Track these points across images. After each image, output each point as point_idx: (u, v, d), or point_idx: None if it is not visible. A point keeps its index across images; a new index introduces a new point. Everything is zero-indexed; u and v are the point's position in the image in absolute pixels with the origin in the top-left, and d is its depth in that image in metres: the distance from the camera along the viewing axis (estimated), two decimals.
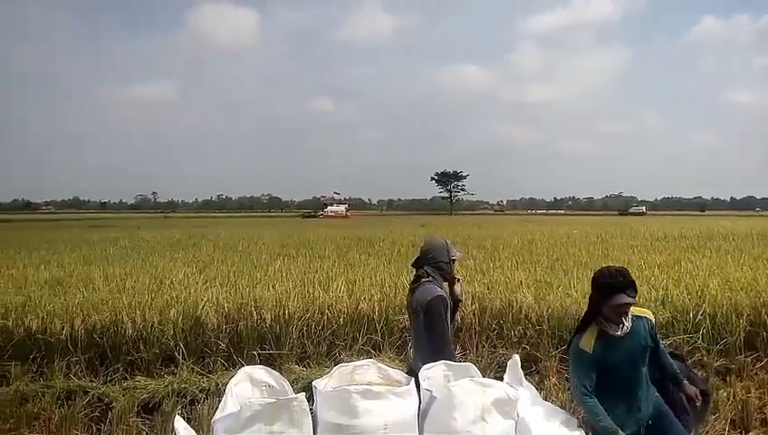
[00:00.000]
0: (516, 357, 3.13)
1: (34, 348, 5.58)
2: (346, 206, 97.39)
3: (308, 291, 6.79)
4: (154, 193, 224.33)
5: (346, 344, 5.77)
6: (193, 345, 5.65)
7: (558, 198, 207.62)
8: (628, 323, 2.78)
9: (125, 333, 5.64)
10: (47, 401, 4.96)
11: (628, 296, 2.70)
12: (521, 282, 7.28)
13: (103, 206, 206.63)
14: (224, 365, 5.54)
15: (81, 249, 13.69)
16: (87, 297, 6.52)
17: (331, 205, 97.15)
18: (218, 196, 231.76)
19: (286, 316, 5.79)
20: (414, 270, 3.45)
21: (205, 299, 6.21)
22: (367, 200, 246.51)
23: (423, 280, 3.33)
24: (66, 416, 4.81)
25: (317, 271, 8.75)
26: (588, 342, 2.78)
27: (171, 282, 7.64)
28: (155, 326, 5.69)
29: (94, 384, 5.18)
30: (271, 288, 7.06)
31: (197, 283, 7.54)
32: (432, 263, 3.37)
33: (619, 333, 2.76)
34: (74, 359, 5.46)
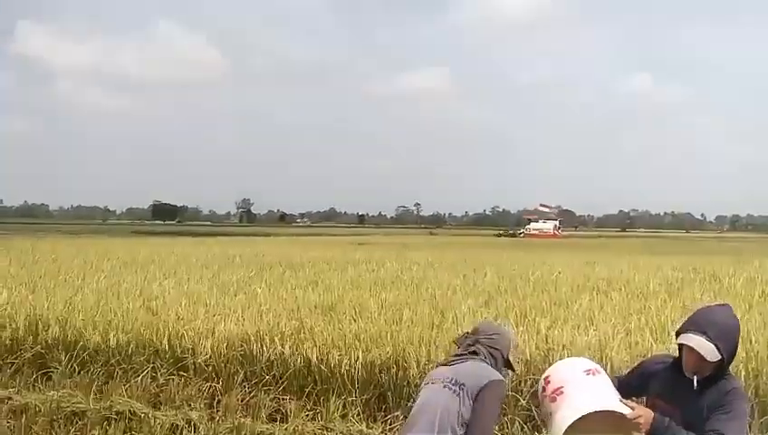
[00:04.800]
0: None
1: (310, 381, 6.41)
2: (555, 223, 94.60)
3: (635, 339, 6.66)
4: (417, 205, 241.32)
5: None
6: None
7: None
8: None
9: (407, 372, 6.12)
10: None
11: None
12: None
13: (361, 219, 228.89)
14: None
15: (346, 270, 15.32)
16: (363, 327, 7.25)
17: (536, 220, 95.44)
18: (493, 208, 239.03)
19: (609, 369, 5.66)
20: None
21: None
22: (700, 216, 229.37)
23: (476, 357, 3.58)
24: None
25: (643, 312, 8.45)
26: None
27: (455, 315, 8.06)
28: None
29: (374, 433, 5.71)
30: (582, 331, 7.01)
31: (485, 318, 7.84)
32: (490, 346, 3.65)
33: None
34: (351, 399, 6.11)
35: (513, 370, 3.96)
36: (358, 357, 6.36)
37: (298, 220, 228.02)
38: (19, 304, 8.72)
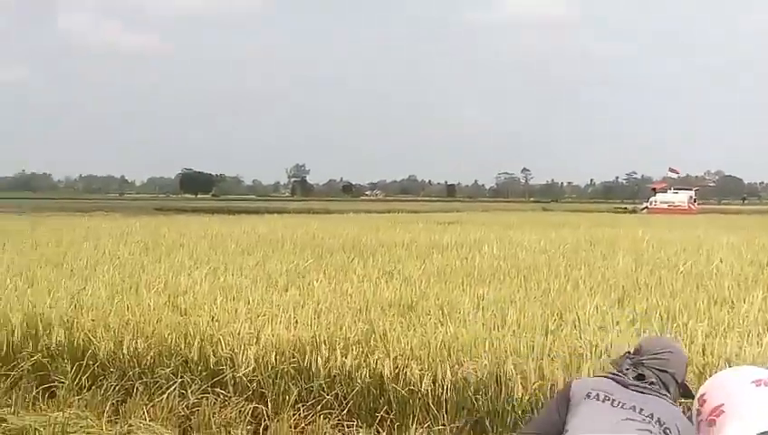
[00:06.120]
0: None
1: (382, 402, 6.43)
2: (691, 193, 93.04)
3: None
4: (525, 171, 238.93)
5: None
6: None
7: None
8: None
9: (511, 393, 6.06)
10: None
11: None
12: None
13: (450, 190, 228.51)
14: None
15: (430, 257, 15.37)
16: (453, 333, 7.23)
17: (664, 191, 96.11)
18: (628, 175, 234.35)
19: None
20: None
21: None
22: None
23: (660, 391, 3.51)
24: None
25: None
26: None
27: (577, 317, 8.03)
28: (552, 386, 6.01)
29: None
30: (753, 340, 6.97)
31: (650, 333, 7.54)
32: (659, 369, 3.58)
33: None
34: (437, 428, 6.10)
35: (692, 397, 3.78)
36: (446, 372, 6.35)
37: (367, 192, 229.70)
38: (15, 301, 9.00)
